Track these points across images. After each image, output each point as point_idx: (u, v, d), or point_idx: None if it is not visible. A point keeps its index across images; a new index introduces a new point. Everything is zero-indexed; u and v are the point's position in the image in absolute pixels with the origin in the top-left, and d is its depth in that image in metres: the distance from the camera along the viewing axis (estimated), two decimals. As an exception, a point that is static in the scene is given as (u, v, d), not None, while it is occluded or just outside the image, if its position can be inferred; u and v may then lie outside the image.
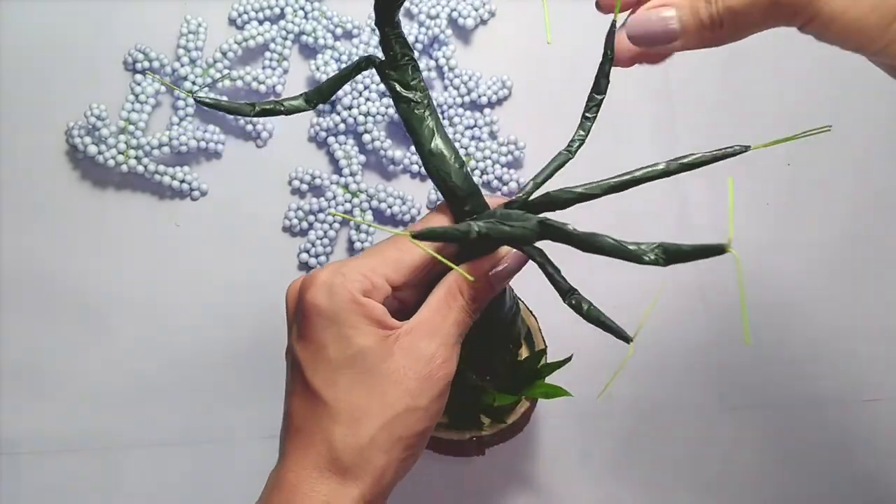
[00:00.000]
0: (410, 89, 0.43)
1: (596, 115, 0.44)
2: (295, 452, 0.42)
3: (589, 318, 0.39)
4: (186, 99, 0.69)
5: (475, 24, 0.72)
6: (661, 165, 0.39)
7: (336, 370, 0.41)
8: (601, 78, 0.43)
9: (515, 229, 0.39)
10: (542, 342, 0.59)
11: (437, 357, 0.42)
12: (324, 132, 0.69)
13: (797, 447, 0.66)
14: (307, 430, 0.42)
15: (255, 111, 0.43)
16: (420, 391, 0.42)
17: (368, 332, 0.41)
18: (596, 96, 0.43)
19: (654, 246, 0.36)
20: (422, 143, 0.44)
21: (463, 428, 0.57)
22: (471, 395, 0.54)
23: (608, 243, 0.37)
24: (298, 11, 0.71)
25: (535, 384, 0.55)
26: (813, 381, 0.67)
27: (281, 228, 0.68)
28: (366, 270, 0.42)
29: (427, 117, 0.44)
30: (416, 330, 0.42)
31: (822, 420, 0.66)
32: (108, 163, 0.67)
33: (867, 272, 0.69)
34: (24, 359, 0.66)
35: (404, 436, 0.42)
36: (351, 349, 0.41)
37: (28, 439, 0.64)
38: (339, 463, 0.41)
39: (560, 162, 0.44)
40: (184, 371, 0.66)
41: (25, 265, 0.67)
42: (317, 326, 0.42)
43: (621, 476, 0.65)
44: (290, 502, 0.41)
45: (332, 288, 0.41)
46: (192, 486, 0.64)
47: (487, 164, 0.69)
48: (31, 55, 0.70)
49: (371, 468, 0.41)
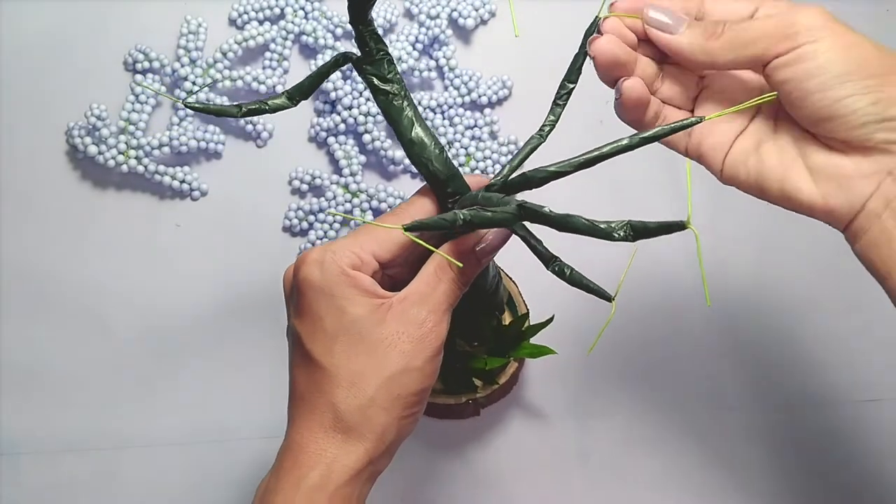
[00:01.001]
0: (387, 82, 0.46)
1: (566, 103, 0.47)
2: (301, 417, 0.45)
3: (572, 282, 0.42)
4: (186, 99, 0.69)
5: (475, 24, 0.72)
6: (625, 140, 0.41)
7: (333, 339, 0.44)
8: (574, 69, 0.46)
9: (496, 214, 0.41)
10: (524, 306, 0.62)
11: (428, 321, 0.44)
12: (324, 132, 0.69)
13: (797, 447, 0.66)
14: (310, 396, 0.44)
15: (241, 112, 0.46)
16: (414, 352, 0.44)
17: (361, 302, 0.44)
18: (567, 84, 0.46)
19: (624, 224, 0.38)
20: (402, 132, 0.46)
21: (458, 392, 0.60)
22: (462, 360, 0.58)
23: (582, 223, 0.39)
24: (298, 12, 0.71)
25: (521, 346, 0.59)
26: (813, 381, 0.67)
27: (281, 228, 0.68)
28: (354, 247, 0.45)
29: (406, 108, 0.46)
30: (407, 298, 0.45)
31: (822, 420, 0.66)
32: (108, 163, 0.67)
33: (867, 272, 0.69)
34: (24, 359, 0.66)
35: (402, 394, 0.44)
36: (346, 318, 0.44)
37: (28, 439, 0.64)
38: (343, 423, 0.43)
39: (532, 146, 0.47)
40: (184, 371, 0.66)
41: (25, 265, 0.67)
42: (311, 300, 0.44)
43: (622, 476, 0.65)
44: (300, 461, 0.43)
45: (324, 264, 0.44)
46: (192, 486, 0.64)
47: (488, 164, 0.69)
48: (32, 55, 0.71)
49: (373, 425, 0.44)
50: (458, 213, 0.41)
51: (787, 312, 0.69)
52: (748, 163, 0.44)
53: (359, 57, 0.46)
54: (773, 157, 0.44)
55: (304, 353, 0.45)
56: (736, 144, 0.45)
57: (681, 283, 0.68)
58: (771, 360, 0.67)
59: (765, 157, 0.44)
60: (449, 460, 0.65)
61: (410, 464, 0.64)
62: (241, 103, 0.46)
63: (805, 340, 0.68)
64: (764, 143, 0.44)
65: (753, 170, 0.44)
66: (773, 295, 0.69)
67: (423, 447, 0.65)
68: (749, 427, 0.66)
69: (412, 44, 0.70)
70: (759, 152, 0.44)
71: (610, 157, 0.41)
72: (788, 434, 0.66)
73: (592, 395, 0.66)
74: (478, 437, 0.65)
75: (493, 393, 0.61)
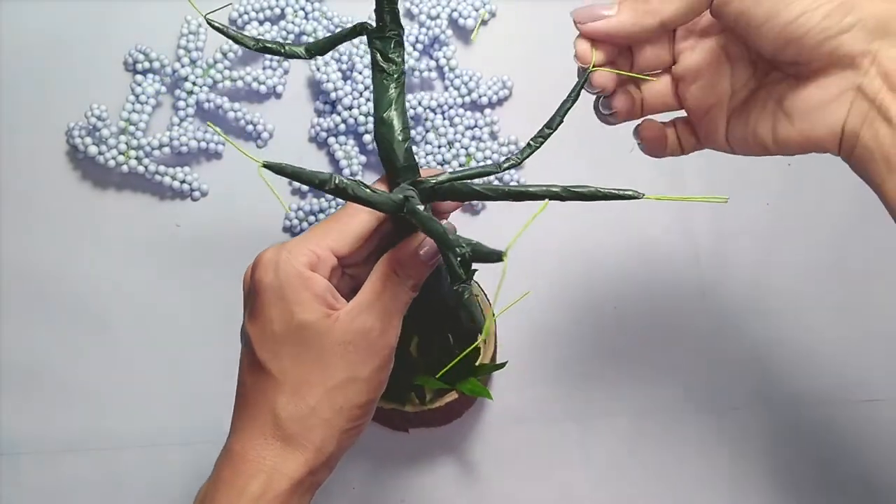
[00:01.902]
0: (388, 61, 0.47)
1: (539, 146, 0.45)
2: (243, 424, 0.44)
3: (466, 263, 0.40)
4: (186, 98, 0.69)
5: (476, 24, 0.72)
6: (557, 189, 0.41)
7: (281, 343, 0.43)
8: (558, 116, 0.45)
9: (377, 196, 0.42)
10: (494, 344, 0.61)
11: (373, 330, 0.44)
12: (324, 132, 0.69)
13: (797, 447, 0.66)
14: (254, 401, 0.44)
15: (256, 46, 0.46)
16: (360, 362, 0.44)
17: (311, 308, 0.43)
18: (546, 130, 0.45)
19: (468, 246, 0.39)
20: (378, 108, 0.47)
21: (387, 398, 0.58)
22: (402, 368, 0.55)
23: (437, 229, 0.40)
24: (299, 12, 0.71)
25: (466, 379, 0.57)
26: (813, 381, 0.67)
27: (281, 229, 0.68)
28: (311, 244, 0.45)
29: (391, 88, 0.47)
30: (355, 307, 0.44)
31: (822, 420, 0.66)
32: (108, 163, 0.67)
33: (868, 272, 0.69)
34: (24, 359, 0.66)
35: (346, 406, 0.44)
36: (293, 323, 0.43)
37: (28, 440, 0.64)
38: (283, 431, 0.43)
39: (486, 171, 0.46)
40: (184, 371, 0.66)
41: (26, 265, 0.67)
42: (264, 303, 0.44)
43: (622, 477, 0.65)
44: (239, 469, 0.43)
45: (279, 264, 0.44)
46: (192, 487, 0.64)
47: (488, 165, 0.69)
48: (32, 55, 0.70)
49: (313, 436, 0.43)
50: (334, 176, 0.41)
51: (786, 312, 0.69)
52: (746, 133, 0.44)
53: (372, 28, 0.46)
54: (760, 116, 0.44)
55: (252, 356, 0.44)
56: (731, 121, 0.45)
57: (680, 282, 0.68)
58: (770, 360, 0.67)
59: (752, 120, 0.44)
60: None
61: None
62: (259, 38, 0.47)
63: (805, 340, 0.68)
64: (751, 107, 0.44)
65: (751, 137, 0.44)
66: (773, 295, 0.69)
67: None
68: (748, 427, 0.66)
69: (412, 44, 0.70)
70: (749, 118, 0.44)
71: (535, 199, 0.41)
72: (788, 434, 0.66)
73: (588, 396, 0.66)
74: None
75: (422, 413, 0.58)
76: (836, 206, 0.71)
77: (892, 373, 0.67)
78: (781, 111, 0.43)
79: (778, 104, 0.43)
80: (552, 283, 0.67)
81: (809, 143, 0.43)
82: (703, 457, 0.65)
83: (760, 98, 0.44)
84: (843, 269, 0.69)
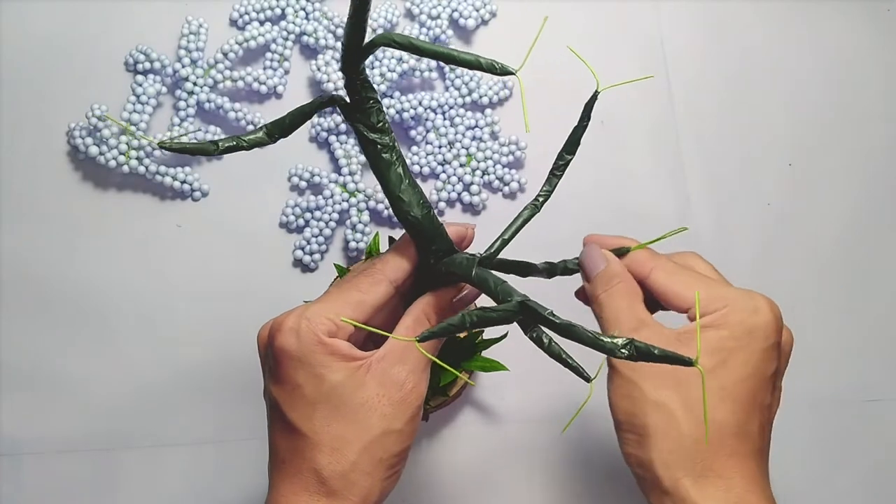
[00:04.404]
0: (377, 132, 0.44)
1: (563, 174, 0.47)
2: (283, 481, 0.44)
3: (550, 353, 0.40)
4: (187, 100, 0.69)
5: (476, 24, 0.72)
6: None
7: (313, 406, 0.44)
8: (573, 141, 0.46)
9: (500, 314, 0.41)
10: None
11: (408, 382, 0.44)
12: (325, 132, 0.69)
13: (797, 447, 0.66)
14: (291, 460, 0.44)
15: (218, 150, 0.44)
16: (394, 415, 0.44)
17: (338, 368, 0.43)
18: (566, 156, 0.47)
19: (627, 342, 0.37)
20: (391, 189, 0.45)
21: None
22: None
23: (585, 335, 0.38)
24: (299, 12, 0.71)
25: (473, 357, 0.60)
26: (813, 381, 0.67)
27: (278, 224, 0.68)
28: (330, 314, 0.44)
29: (395, 162, 0.45)
30: (386, 357, 0.44)
31: (822, 420, 0.66)
32: (109, 164, 0.67)
33: (868, 272, 0.69)
34: (24, 359, 0.66)
35: (384, 457, 0.44)
36: (325, 385, 0.43)
37: (29, 440, 0.64)
38: (328, 487, 0.43)
39: (526, 217, 0.48)
40: (184, 371, 0.66)
41: (26, 266, 0.67)
42: (289, 369, 0.44)
43: (622, 476, 0.65)
44: None
45: (300, 333, 0.44)
46: (191, 486, 0.64)
47: (489, 165, 0.69)
48: (33, 56, 0.71)
49: (357, 489, 0.43)
50: (465, 316, 0.41)
51: (786, 312, 0.68)
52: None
53: (347, 103, 0.44)
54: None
55: (284, 419, 0.44)
56: None
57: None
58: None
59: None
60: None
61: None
62: (217, 140, 0.44)
63: (805, 340, 0.68)
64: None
65: None
66: (773, 295, 0.69)
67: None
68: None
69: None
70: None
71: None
72: (788, 434, 0.66)
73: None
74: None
75: (441, 402, 0.63)
76: (837, 206, 0.71)
77: (892, 373, 0.67)
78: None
79: None
80: (550, 284, 0.67)
81: None
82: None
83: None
84: (844, 270, 0.69)
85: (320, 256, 0.68)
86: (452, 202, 0.69)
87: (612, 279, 0.48)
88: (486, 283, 0.43)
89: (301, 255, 0.67)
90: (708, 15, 0.75)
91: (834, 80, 0.74)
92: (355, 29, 0.40)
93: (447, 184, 0.69)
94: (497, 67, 0.40)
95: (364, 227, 0.67)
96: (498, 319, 0.41)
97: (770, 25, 0.75)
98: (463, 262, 0.45)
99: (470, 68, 0.41)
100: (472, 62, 0.40)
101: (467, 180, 0.69)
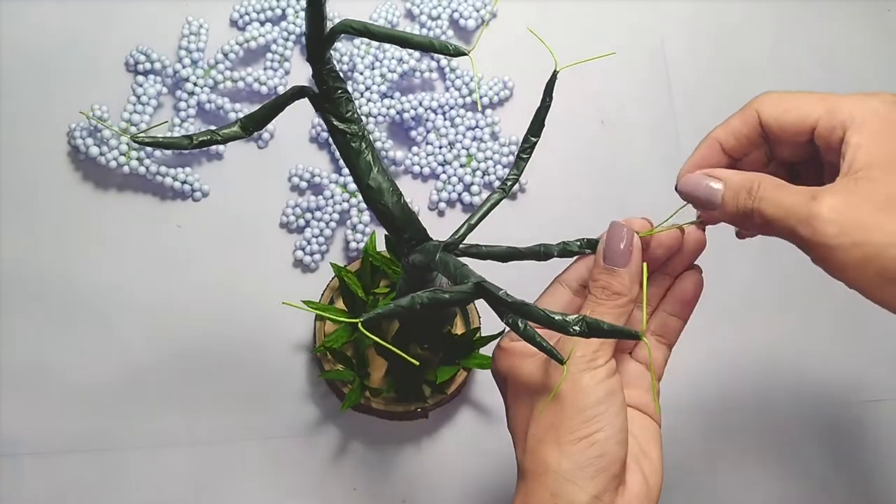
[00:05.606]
0: (345, 121, 0.44)
1: (530, 157, 0.47)
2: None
3: (525, 337, 0.41)
4: (188, 100, 0.69)
5: (476, 25, 0.72)
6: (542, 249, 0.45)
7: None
8: (537, 123, 0.46)
9: (454, 295, 0.41)
10: (477, 318, 0.64)
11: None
12: (325, 132, 0.69)
13: (797, 447, 0.66)
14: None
15: (192, 144, 0.44)
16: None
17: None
18: (531, 138, 0.47)
19: (579, 319, 0.39)
20: (360, 176, 0.45)
21: (409, 401, 0.63)
22: (415, 372, 0.61)
23: (538, 313, 0.39)
24: (300, 12, 0.71)
25: (471, 355, 0.61)
26: (813, 381, 0.67)
27: (278, 224, 0.68)
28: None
29: (364, 150, 0.45)
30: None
31: (822, 420, 0.66)
32: (109, 164, 0.67)
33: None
34: (24, 359, 0.66)
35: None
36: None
37: (29, 440, 0.64)
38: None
39: (494, 201, 0.48)
40: (184, 371, 0.66)
41: (26, 266, 0.67)
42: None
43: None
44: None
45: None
46: (192, 486, 0.64)
47: (489, 165, 0.69)
48: (33, 56, 0.71)
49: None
50: (414, 298, 0.41)
51: (786, 311, 0.69)
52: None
53: (316, 94, 0.44)
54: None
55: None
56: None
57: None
58: (771, 360, 0.67)
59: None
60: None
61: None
62: (192, 134, 0.44)
63: (805, 340, 0.68)
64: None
65: None
66: (772, 294, 0.69)
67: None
68: (749, 427, 0.66)
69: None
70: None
71: (527, 259, 0.45)
72: (789, 434, 0.66)
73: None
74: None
75: (441, 400, 0.63)
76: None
77: (892, 373, 0.67)
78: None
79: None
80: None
81: None
82: (703, 457, 0.65)
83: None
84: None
85: (321, 257, 0.68)
86: (453, 202, 0.69)
87: (752, 179, 0.42)
88: (447, 267, 0.43)
89: (301, 256, 0.68)
90: (708, 15, 0.75)
91: (834, 80, 0.74)
92: (314, 19, 0.41)
93: (447, 184, 0.69)
94: (451, 48, 0.40)
95: (364, 227, 0.67)
96: (451, 301, 0.41)
97: (770, 25, 0.75)
98: (430, 248, 0.46)
99: (424, 50, 0.41)
100: (425, 44, 0.41)
101: (468, 181, 0.69)
